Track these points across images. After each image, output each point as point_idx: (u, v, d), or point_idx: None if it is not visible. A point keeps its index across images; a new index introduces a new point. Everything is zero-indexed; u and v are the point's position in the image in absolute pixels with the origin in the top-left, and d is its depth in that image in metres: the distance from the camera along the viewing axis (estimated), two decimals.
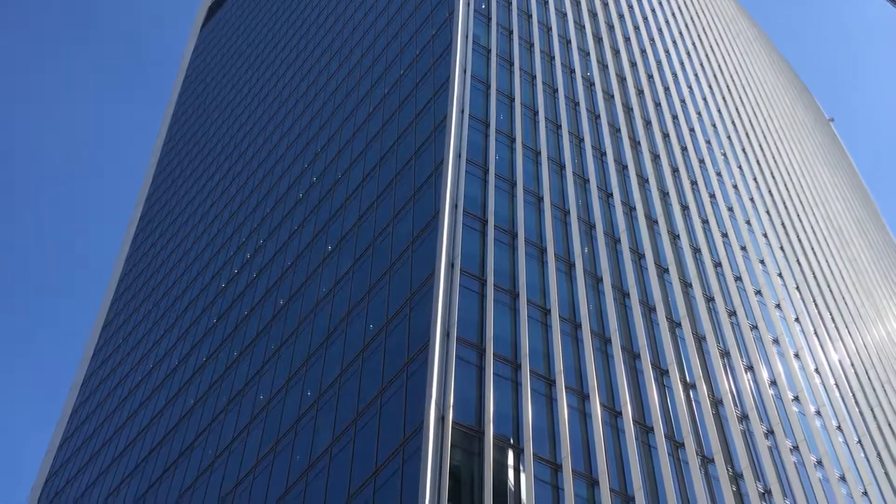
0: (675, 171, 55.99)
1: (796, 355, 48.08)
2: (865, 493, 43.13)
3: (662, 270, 45.81)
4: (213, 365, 55.01)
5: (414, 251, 40.50)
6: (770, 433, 41.97)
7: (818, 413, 45.88)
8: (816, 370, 49.12)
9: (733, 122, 73.23)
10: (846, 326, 62.28)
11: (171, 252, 79.84)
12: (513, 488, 31.21)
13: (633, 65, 65.84)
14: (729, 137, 68.53)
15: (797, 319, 51.50)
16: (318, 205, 56.71)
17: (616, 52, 65.36)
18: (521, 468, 31.89)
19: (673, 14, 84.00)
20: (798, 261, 60.91)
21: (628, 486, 34.31)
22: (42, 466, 71.85)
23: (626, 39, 68.86)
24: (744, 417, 41.79)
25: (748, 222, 57.22)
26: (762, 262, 53.67)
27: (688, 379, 41.69)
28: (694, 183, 56.12)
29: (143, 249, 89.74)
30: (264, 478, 40.86)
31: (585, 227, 45.11)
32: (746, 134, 74.39)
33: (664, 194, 52.50)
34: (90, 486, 60.58)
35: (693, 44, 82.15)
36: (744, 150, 69.68)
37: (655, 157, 55.85)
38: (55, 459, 70.95)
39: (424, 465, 29.70)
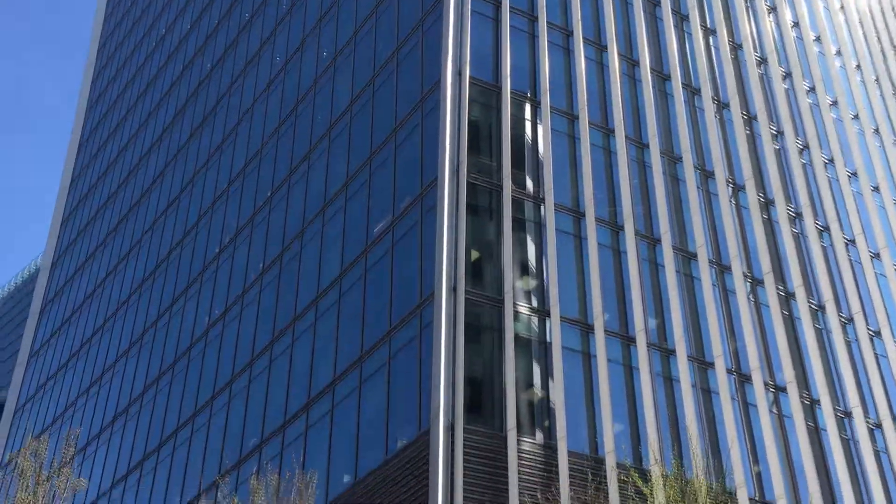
0: None
1: None
2: (877, 131, 43.87)
3: None
4: (226, 27, 54.33)
5: None
6: (787, 76, 41.94)
7: (838, 53, 45.47)
8: (842, 8, 47.96)
9: None
10: None
11: None
12: (530, 141, 32.01)
13: None
14: None
15: None
16: None
17: None
18: (539, 121, 32.48)
19: None
20: None
21: (644, 134, 35.06)
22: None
23: None
24: (762, 61, 41.57)
25: None
26: None
27: (708, 24, 40.99)
28: None
29: None
30: (287, 139, 41.92)
31: None
32: None
33: None
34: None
35: None
36: None
37: None
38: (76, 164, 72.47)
39: (443, 119, 30.28)
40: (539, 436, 26.23)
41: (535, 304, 28.62)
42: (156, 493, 39.42)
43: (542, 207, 30.48)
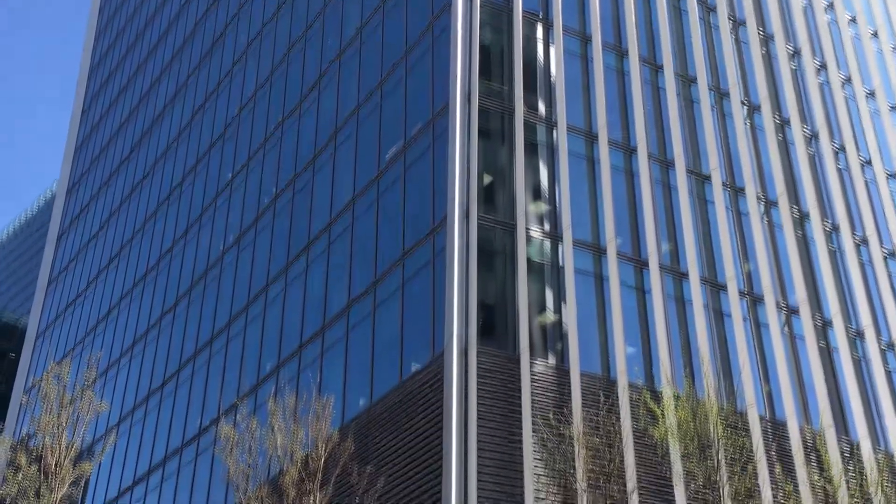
0: None
1: None
2: (895, 49, 43.11)
3: None
4: None
5: None
6: None
7: None
8: None
9: None
10: None
11: None
12: (542, 63, 31.64)
13: None
14: None
15: None
16: None
17: None
18: (551, 42, 32.05)
19: None
20: None
21: (658, 55, 34.57)
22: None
23: None
24: None
25: None
26: None
27: None
28: None
29: None
30: (297, 65, 41.57)
31: None
32: None
33: None
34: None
35: None
36: None
37: None
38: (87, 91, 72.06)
39: (454, 42, 29.92)
40: (552, 358, 26.53)
41: (547, 228, 28.65)
42: (176, 415, 40.25)
43: (554, 131, 30.29)
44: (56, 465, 24.05)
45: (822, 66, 39.22)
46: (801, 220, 34.29)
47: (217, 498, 34.22)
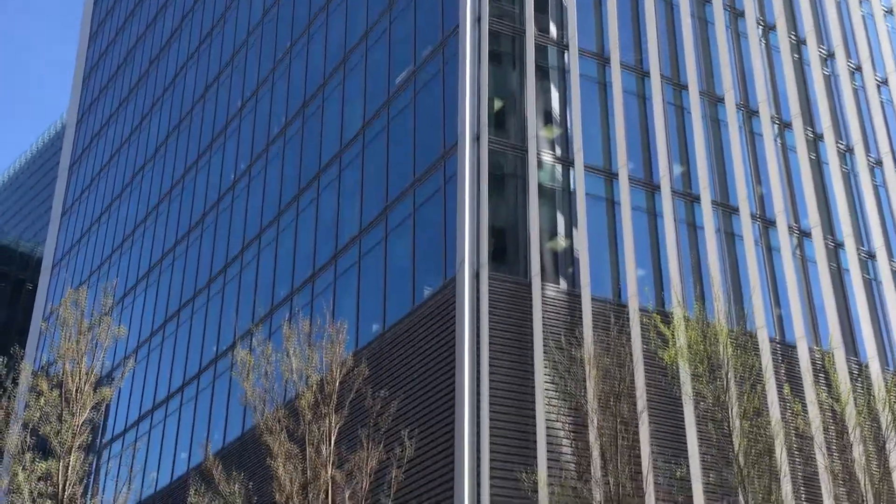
0: None
1: None
2: None
3: None
4: None
5: None
6: None
7: None
8: None
9: None
10: None
11: None
12: None
13: None
14: None
15: None
16: None
17: None
18: None
19: None
20: None
21: None
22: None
23: None
24: None
25: None
26: None
27: None
28: None
29: None
30: None
31: None
32: None
33: None
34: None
35: None
36: None
37: None
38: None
39: None
40: (563, 283, 26.68)
41: (558, 152, 28.54)
42: (193, 340, 40.83)
43: (566, 53, 29.94)
44: (76, 390, 24.54)
45: None
46: (815, 141, 34.01)
47: (235, 421, 34.92)
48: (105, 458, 44.66)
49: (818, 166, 33.57)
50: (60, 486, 23.38)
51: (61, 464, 23.70)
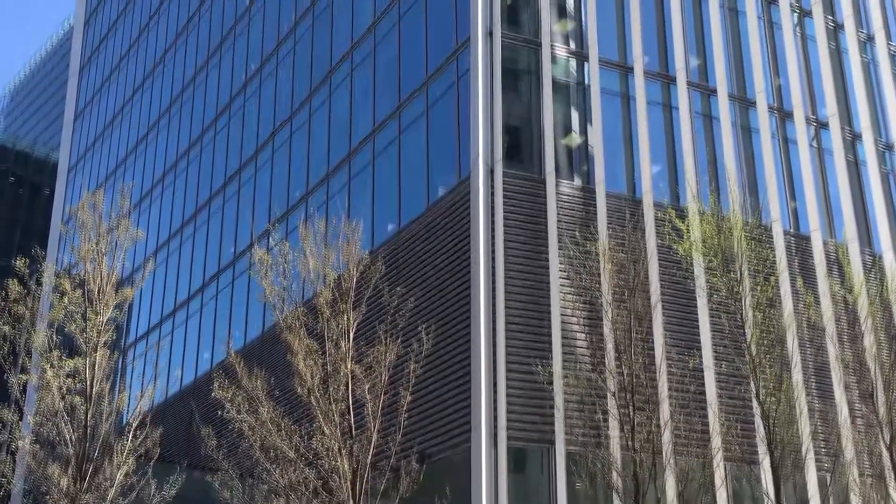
0: None
1: None
2: None
3: None
4: None
5: None
6: None
7: None
8: None
9: None
10: None
11: None
12: None
13: None
14: None
15: None
16: None
17: None
18: None
19: None
20: None
21: None
22: None
23: None
24: None
25: None
26: None
27: None
28: None
29: None
30: None
31: None
32: None
33: None
34: None
35: None
36: None
37: None
38: None
39: None
40: (577, 179, 26.65)
41: (573, 46, 28.13)
42: (211, 241, 41.24)
43: None
44: (98, 290, 24.98)
45: None
46: (836, 30, 33.33)
47: (255, 320, 35.54)
48: (130, 358, 45.70)
49: (838, 56, 32.99)
50: (88, 383, 24.04)
51: (88, 360, 24.31)
